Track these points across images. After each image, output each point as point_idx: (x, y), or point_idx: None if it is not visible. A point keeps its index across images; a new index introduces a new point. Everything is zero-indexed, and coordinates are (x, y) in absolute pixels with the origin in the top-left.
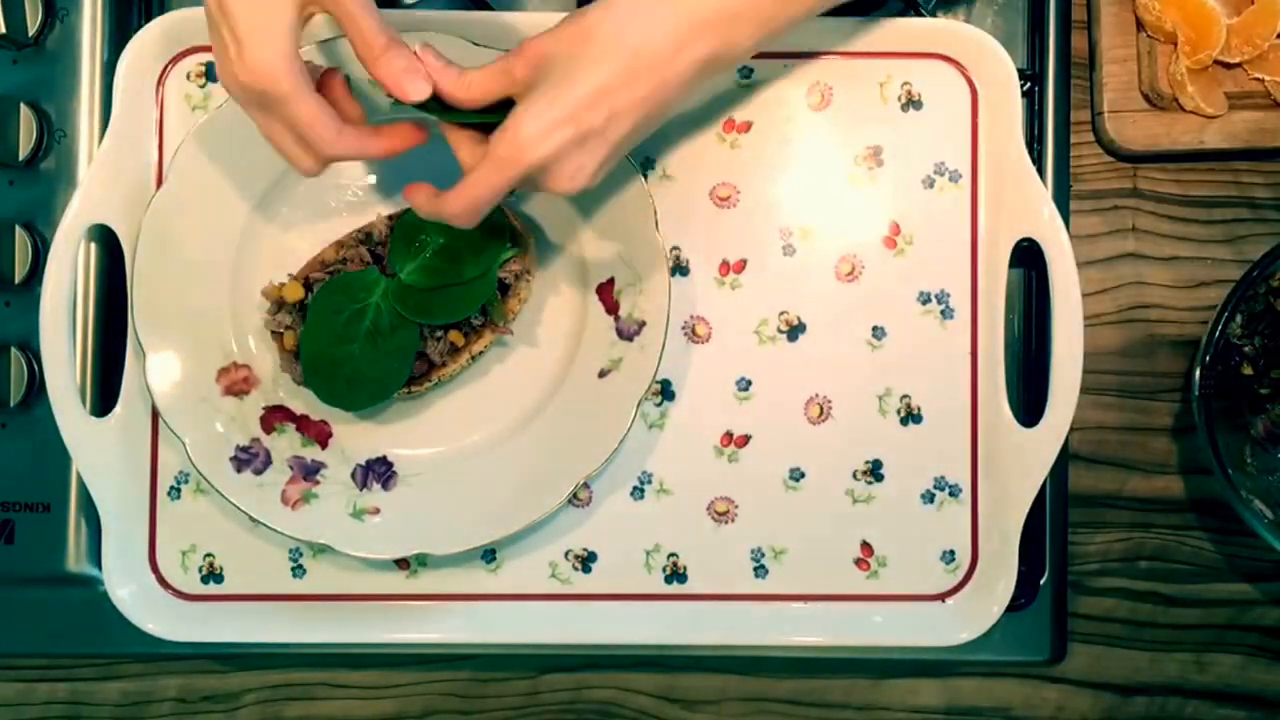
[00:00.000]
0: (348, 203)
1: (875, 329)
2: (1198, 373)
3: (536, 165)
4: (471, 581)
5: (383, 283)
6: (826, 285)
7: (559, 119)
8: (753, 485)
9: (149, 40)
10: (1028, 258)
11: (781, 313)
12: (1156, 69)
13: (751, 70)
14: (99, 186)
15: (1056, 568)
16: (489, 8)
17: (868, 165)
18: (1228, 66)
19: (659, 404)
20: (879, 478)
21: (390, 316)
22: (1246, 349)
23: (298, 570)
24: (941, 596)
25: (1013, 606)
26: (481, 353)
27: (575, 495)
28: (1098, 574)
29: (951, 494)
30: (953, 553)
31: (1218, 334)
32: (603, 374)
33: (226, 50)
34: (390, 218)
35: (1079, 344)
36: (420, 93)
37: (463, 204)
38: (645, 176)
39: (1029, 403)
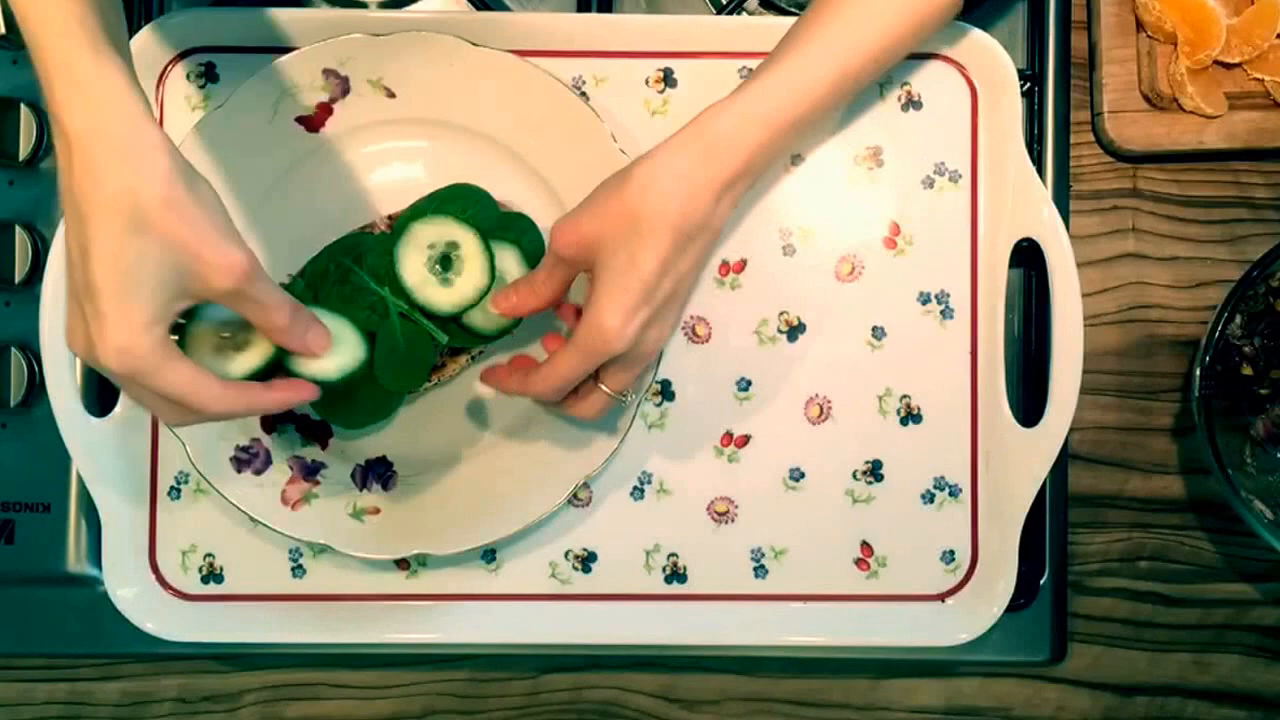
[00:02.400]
0: (347, 203)
1: (875, 329)
2: (1198, 373)
3: (623, 351)
4: (471, 581)
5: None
6: (826, 285)
7: (634, 304)
8: (753, 485)
9: (149, 40)
10: (1028, 258)
11: (781, 313)
12: (1156, 69)
13: (751, 70)
14: None
15: (1056, 568)
16: (489, 8)
17: (868, 165)
18: (1228, 66)
19: (659, 404)
20: (879, 478)
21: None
22: (1246, 349)
23: (298, 570)
24: (941, 596)
25: (1013, 606)
26: (481, 352)
27: (575, 495)
28: (1098, 574)
29: (951, 494)
30: (953, 553)
31: (1218, 334)
32: None
33: (86, 325)
34: (390, 217)
35: (1079, 344)
36: (323, 347)
37: (548, 385)
38: None
39: (1029, 403)
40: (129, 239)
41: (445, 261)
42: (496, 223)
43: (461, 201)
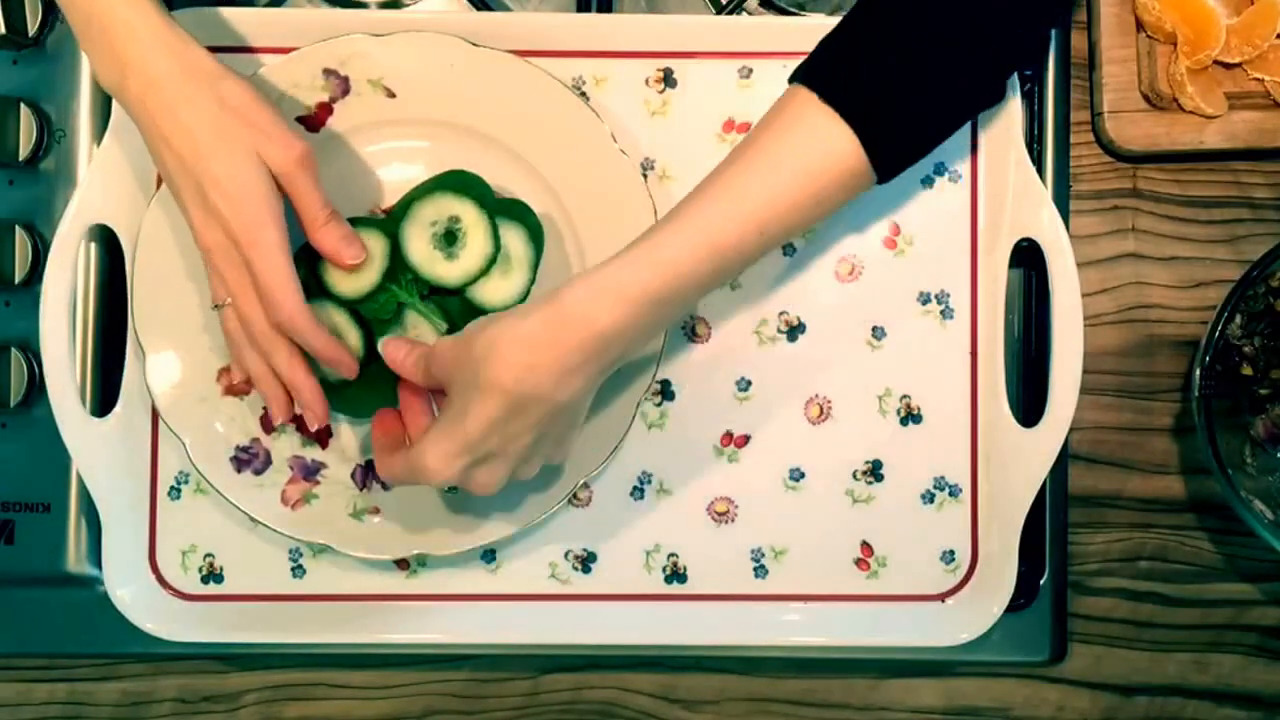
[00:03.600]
0: (347, 202)
1: (875, 329)
2: (1198, 373)
3: (441, 484)
4: (471, 581)
5: (393, 303)
6: (826, 285)
7: (454, 451)
8: (753, 485)
9: None
10: (1028, 258)
11: (781, 313)
12: (1156, 69)
13: (751, 70)
14: (99, 186)
15: (1056, 568)
16: (489, 8)
17: None
18: (1227, 66)
19: (659, 404)
20: (879, 478)
21: (399, 328)
22: (1246, 349)
23: (298, 570)
24: (941, 596)
25: (1013, 606)
26: None
27: (575, 495)
28: (1098, 574)
29: (951, 494)
30: (953, 553)
31: (1218, 334)
32: None
33: (216, 208)
34: (386, 210)
35: (1079, 344)
36: (355, 257)
37: (382, 470)
38: (645, 176)
39: (1029, 403)
40: (220, 138)
41: (449, 236)
42: (495, 206)
43: (457, 185)
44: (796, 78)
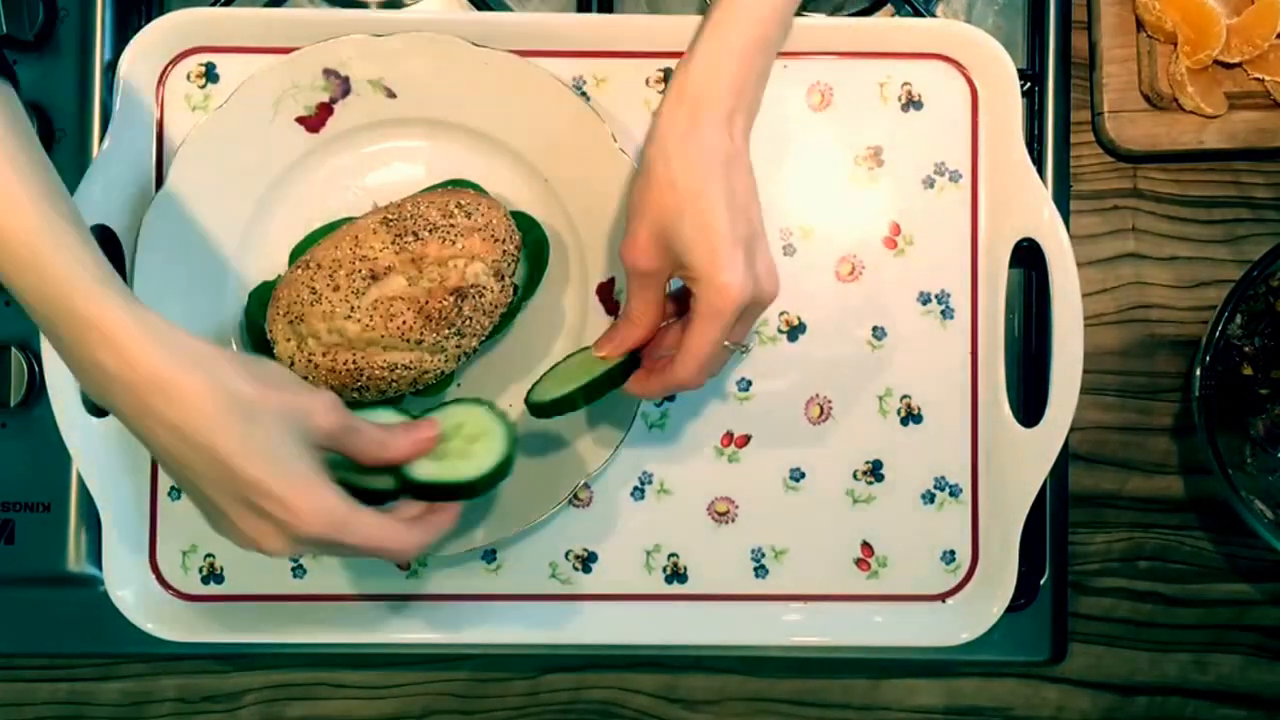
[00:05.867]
0: (348, 202)
1: (875, 329)
2: (1198, 373)
3: (746, 299)
4: (471, 581)
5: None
6: (826, 285)
7: (729, 250)
8: (753, 485)
9: (150, 40)
10: (1028, 258)
11: (781, 313)
12: (1156, 69)
13: None
14: (99, 186)
15: (1056, 568)
16: (489, 8)
17: (868, 165)
18: (1228, 66)
19: (659, 404)
20: (879, 478)
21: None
22: (1246, 349)
23: (298, 570)
24: (941, 596)
25: (1013, 606)
26: (475, 350)
27: (575, 495)
28: (1098, 574)
29: (951, 494)
30: (953, 553)
31: (1218, 334)
32: None
33: (271, 519)
34: (385, 208)
35: (1079, 344)
36: (431, 440)
37: (692, 369)
38: None
39: (1029, 403)
40: (253, 429)
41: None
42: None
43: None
44: None
